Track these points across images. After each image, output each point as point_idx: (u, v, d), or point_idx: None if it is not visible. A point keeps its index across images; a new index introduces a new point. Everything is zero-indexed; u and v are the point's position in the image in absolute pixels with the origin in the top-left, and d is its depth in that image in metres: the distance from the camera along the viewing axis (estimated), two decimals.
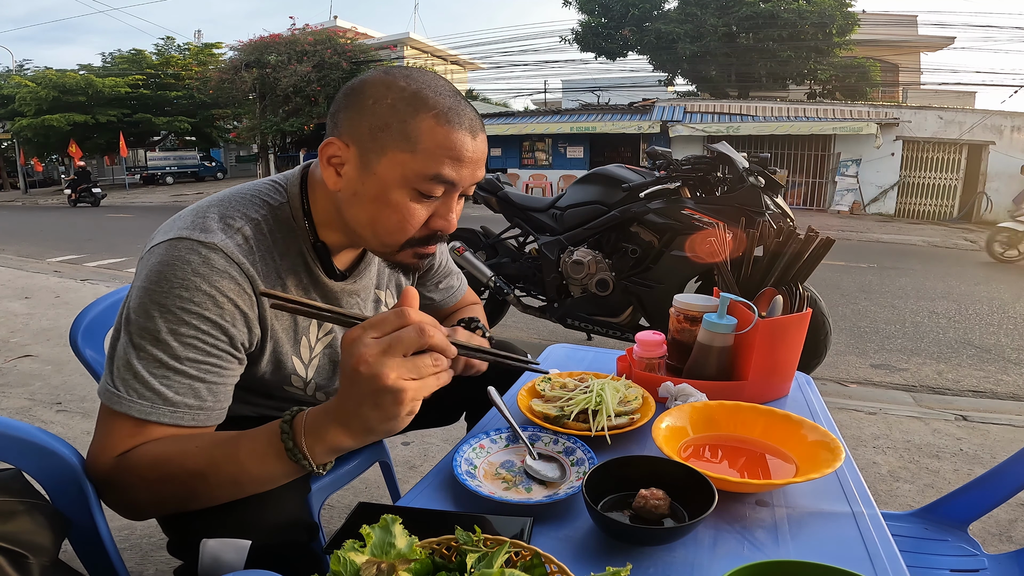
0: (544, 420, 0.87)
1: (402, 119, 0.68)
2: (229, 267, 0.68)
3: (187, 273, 0.66)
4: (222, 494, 0.65)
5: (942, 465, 2.02)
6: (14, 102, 20.00)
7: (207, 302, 0.67)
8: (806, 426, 0.82)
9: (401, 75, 0.71)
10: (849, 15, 14.94)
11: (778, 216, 2.55)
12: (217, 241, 0.69)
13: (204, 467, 0.63)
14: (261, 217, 0.75)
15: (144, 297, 0.66)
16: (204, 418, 0.69)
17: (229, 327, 0.69)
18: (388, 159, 0.69)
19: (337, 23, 21.00)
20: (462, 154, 0.70)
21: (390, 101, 0.69)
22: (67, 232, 9.33)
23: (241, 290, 0.70)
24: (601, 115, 16.00)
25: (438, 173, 0.69)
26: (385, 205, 0.71)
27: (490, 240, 3.31)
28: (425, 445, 2.09)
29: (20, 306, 4.08)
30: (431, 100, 0.68)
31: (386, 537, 0.49)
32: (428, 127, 0.68)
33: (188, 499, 0.66)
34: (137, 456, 0.65)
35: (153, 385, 0.65)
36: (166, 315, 0.65)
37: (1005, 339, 3.81)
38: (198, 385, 0.68)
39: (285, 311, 0.58)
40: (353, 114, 0.70)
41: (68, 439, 0.71)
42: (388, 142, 0.69)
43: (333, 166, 0.72)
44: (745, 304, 0.99)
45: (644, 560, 0.61)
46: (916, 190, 13.55)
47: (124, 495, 0.67)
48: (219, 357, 0.69)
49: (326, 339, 0.86)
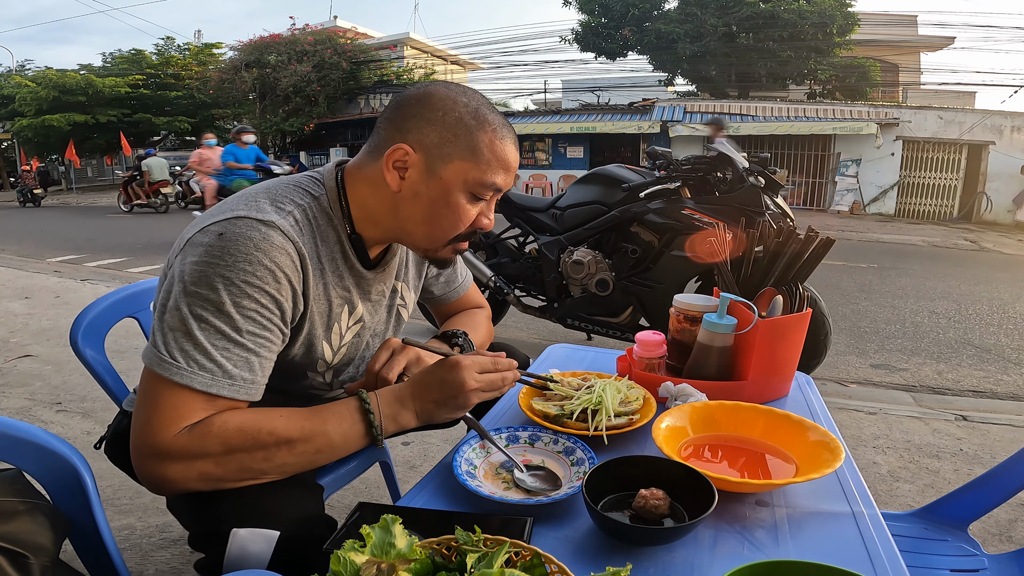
0: (544, 419, 0.87)
1: (469, 132, 0.77)
2: (286, 244, 0.73)
3: (250, 248, 0.69)
4: (299, 462, 0.72)
5: (942, 465, 2.02)
6: (14, 102, 19.97)
7: (268, 276, 0.71)
8: (806, 426, 0.82)
9: (461, 91, 0.80)
10: (849, 15, 14.92)
11: (778, 216, 2.55)
12: (275, 220, 0.73)
13: (295, 435, 0.71)
14: (306, 204, 0.80)
15: (207, 269, 0.68)
16: (254, 392, 0.72)
17: (284, 301, 0.74)
18: (454, 166, 0.78)
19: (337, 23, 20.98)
20: (510, 165, 0.81)
21: (457, 115, 0.77)
22: (67, 232, 9.33)
23: (295, 267, 0.74)
24: (601, 115, 15.98)
25: (494, 181, 0.79)
26: (445, 206, 0.79)
27: (490, 240, 3.31)
28: (425, 445, 2.09)
29: (20, 306, 4.08)
30: (489, 117, 0.79)
31: (386, 537, 0.49)
32: (488, 141, 0.78)
33: (259, 467, 0.70)
34: (217, 425, 0.68)
35: (215, 356, 0.68)
36: (230, 287, 0.68)
37: (1005, 339, 3.81)
38: (252, 359, 0.71)
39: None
40: (422, 123, 0.77)
41: (68, 439, 0.71)
42: (455, 152, 0.77)
43: (397, 169, 0.79)
44: (745, 304, 0.99)
45: (644, 560, 0.61)
46: (916, 190, 13.55)
47: (193, 465, 0.68)
48: (271, 331, 0.73)
49: (355, 327, 0.90)
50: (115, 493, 1.72)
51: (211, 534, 0.70)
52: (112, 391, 1.14)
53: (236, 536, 0.68)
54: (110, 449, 1.00)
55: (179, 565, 1.45)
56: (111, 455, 1.00)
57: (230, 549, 0.67)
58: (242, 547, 0.67)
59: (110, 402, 1.13)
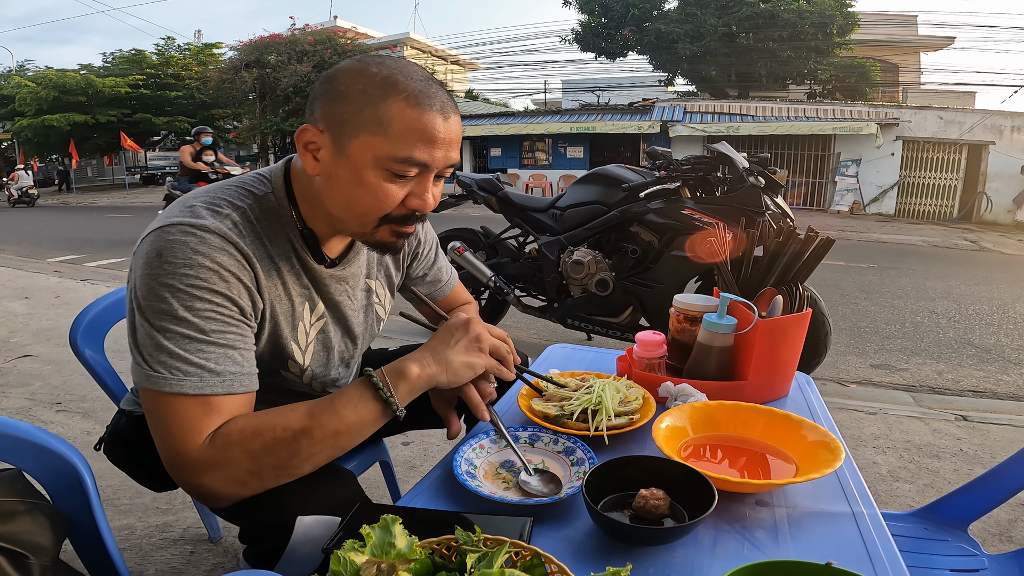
0: (544, 419, 0.87)
1: (373, 103, 0.70)
2: (225, 245, 0.71)
3: (187, 252, 0.68)
4: (324, 449, 0.70)
5: (942, 465, 2.02)
6: (14, 102, 19.99)
7: (213, 277, 0.69)
8: (806, 426, 0.82)
9: (373, 62, 0.73)
10: (849, 15, 14.93)
11: (778, 216, 2.55)
12: (209, 223, 0.71)
13: (308, 423, 0.69)
14: (247, 206, 0.77)
15: (151, 281, 0.67)
16: (248, 382, 0.72)
17: (237, 299, 0.72)
18: (360, 142, 0.71)
19: (337, 23, 21.01)
20: (433, 136, 0.71)
21: (361, 86, 0.71)
22: (67, 232, 9.33)
23: (241, 265, 0.72)
24: (601, 115, 15.99)
25: (409, 155, 0.71)
26: (359, 186, 0.73)
27: (490, 240, 3.31)
28: (425, 445, 2.09)
29: (20, 306, 4.08)
30: (401, 84, 0.70)
31: (386, 537, 0.49)
32: (399, 110, 0.70)
33: (289, 462, 0.69)
34: (234, 431, 0.68)
35: (192, 360, 0.67)
36: (177, 294, 0.67)
37: (1005, 339, 3.81)
38: (231, 352, 0.70)
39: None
40: (327, 100, 0.73)
41: (68, 439, 0.71)
42: (360, 126, 0.71)
43: (310, 151, 0.75)
44: (745, 304, 0.99)
45: (644, 560, 0.61)
46: (916, 190, 13.55)
47: (228, 472, 0.67)
48: (238, 326, 0.72)
49: (319, 324, 0.87)
50: (115, 493, 1.72)
51: (270, 526, 0.70)
52: (112, 391, 1.14)
53: (302, 523, 0.68)
54: (109, 449, 1.00)
55: (179, 565, 1.45)
56: (110, 455, 1.00)
57: (296, 536, 0.68)
58: (307, 533, 0.68)
59: (110, 402, 1.13)
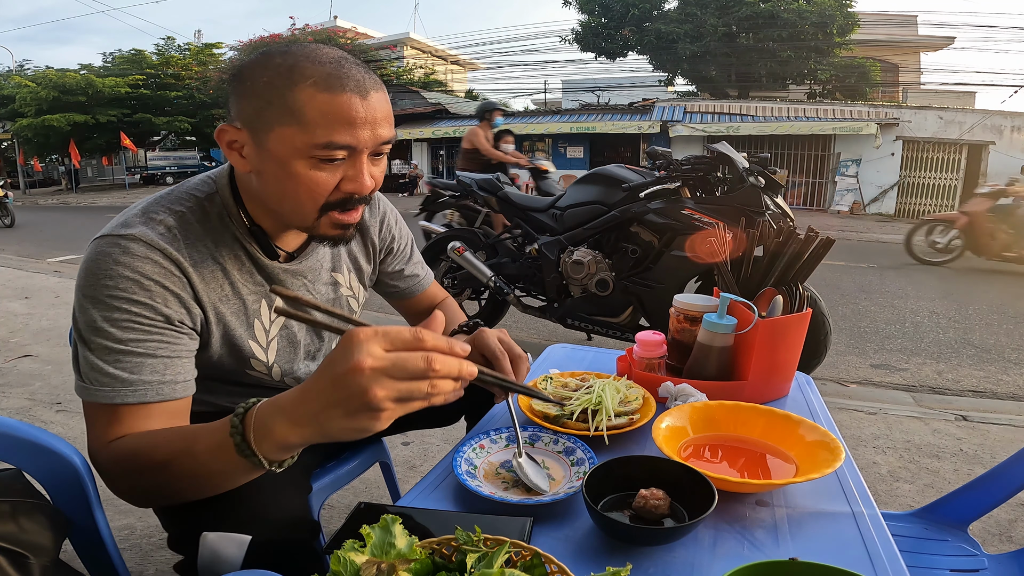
0: (544, 420, 0.87)
1: (280, 94, 0.68)
2: (150, 252, 0.70)
3: (109, 264, 0.68)
4: (185, 487, 0.63)
5: (942, 465, 2.02)
6: (14, 102, 19.98)
7: (132, 286, 0.68)
8: (806, 426, 0.82)
9: (278, 52, 0.71)
10: (849, 15, 14.94)
11: (778, 216, 2.55)
12: (136, 232, 0.70)
13: (167, 458, 0.63)
14: (186, 208, 0.76)
15: (78, 295, 0.70)
16: (170, 391, 0.70)
17: (161, 307, 0.70)
18: (276, 135, 0.69)
19: (337, 23, 21.02)
20: (352, 117, 0.68)
21: (267, 79, 0.69)
22: (67, 232, 9.33)
23: (167, 272, 0.71)
24: (601, 115, 15.99)
25: (330, 140, 0.68)
26: (288, 178, 0.71)
27: (490, 240, 3.31)
28: (425, 445, 2.09)
29: (20, 306, 4.08)
30: (308, 70, 0.68)
31: (386, 537, 0.49)
32: (308, 96, 0.67)
33: (160, 491, 0.66)
34: (119, 448, 0.66)
35: (107, 370, 0.67)
36: (98, 305, 0.68)
37: (1005, 339, 3.81)
38: (151, 361, 0.69)
39: (291, 317, 0.59)
40: (238, 98, 0.71)
41: (68, 439, 0.71)
42: (272, 118, 0.69)
43: (235, 150, 0.73)
44: (745, 304, 0.99)
45: (644, 560, 0.61)
46: (916, 190, 13.55)
47: (116, 484, 0.67)
48: (161, 333, 0.70)
49: (280, 320, 0.86)
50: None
51: (187, 535, 0.70)
52: None
53: (206, 540, 0.67)
54: None
55: None
56: None
57: (201, 553, 0.67)
58: (213, 551, 0.67)
59: None
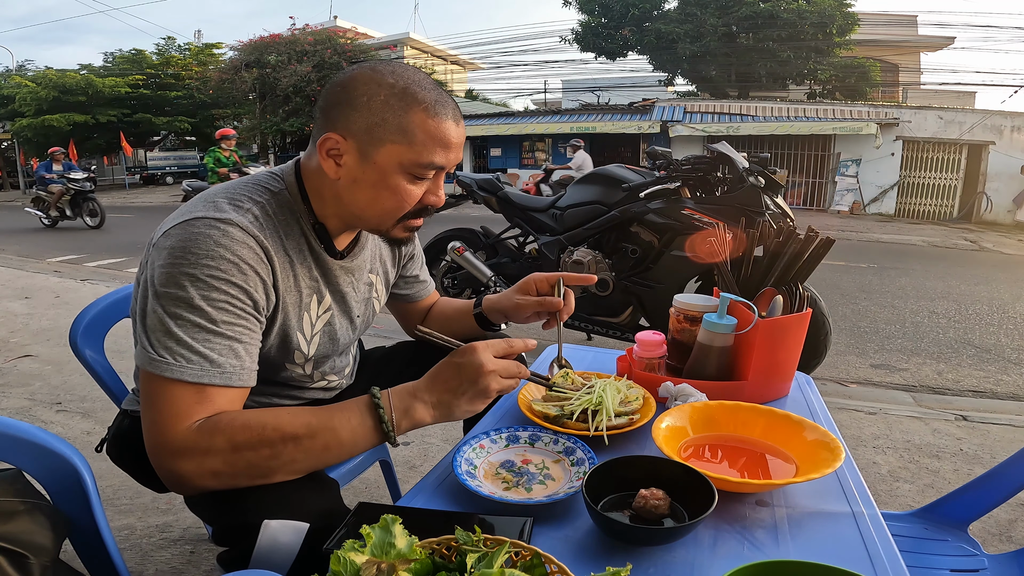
0: (544, 420, 0.87)
1: (396, 114, 0.76)
2: (246, 238, 0.74)
3: (210, 245, 0.71)
4: (307, 460, 0.71)
5: (942, 465, 2.02)
6: (14, 102, 19.96)
7: (232, 269, 0.72)
8: (806, 426, 0.82)
9: (388, 71, 0.78)
10: (849, 15, 14.93)
11: (778, 216, 2.55)
12: (232, 217, 0.74)
13: (301, 431, 0.69)
14: (264, 200, 0.81)
15: (173, 270, 0.70)
16: (247, 378, 0.74)
17: (253, 292, 0.75)
18: (386, 150, 0.77)
19: (337, 23, 21.00)
20: (449, 142, 0.79)
21: (383, 97, 0.76)
22: (67, 232, 9.33)
23: (259, 259, 0.75)
24: (601, 115, 15.97)
25: (431, 161, 0.78)
26: (384, 189, 0.79)
27: (490, 240, 3.31)
28: (425, 445, 2.09)
29: (20, 306, 4.08)
30: (420, 95, 0.76)
31: (386, 537, 0.49)
32: (420, 121, 0.76)
33: (267, 464, 0.69)
34: (224, 419, 0.69)
35: (197, 348, 0.69)
36: (197, 283, 0.70)
37: (1005, 339, 3.81)
38: (237, 346, 0.73)
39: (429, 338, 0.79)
40: (348, 110, 0.77)
41: (68, 439, 0.72)
42: (385, 135, 0.76)
43: (332, 157, 0.79)
44: (745, 304, 0.99)
45: (644, 560, 0.61)
46: (916, 190, 13.54)
47: (204, 460, 0.68)
48: (248, 319, 0.75)
49: (325, 316, 0.91)
50: (115, 493, 1.72)
51: (238, 527, 0.70)
52: (112, 391, 1.14)
53: (268, 528, 0.68)
54: (112, 450, 1.00)
55: (179, 565, 1.45)
56: (113, 456, 1.00)
57: (261, 540, 0.68)
58: (273, 538, 0.68)
59: (110, 402, 1.13)
